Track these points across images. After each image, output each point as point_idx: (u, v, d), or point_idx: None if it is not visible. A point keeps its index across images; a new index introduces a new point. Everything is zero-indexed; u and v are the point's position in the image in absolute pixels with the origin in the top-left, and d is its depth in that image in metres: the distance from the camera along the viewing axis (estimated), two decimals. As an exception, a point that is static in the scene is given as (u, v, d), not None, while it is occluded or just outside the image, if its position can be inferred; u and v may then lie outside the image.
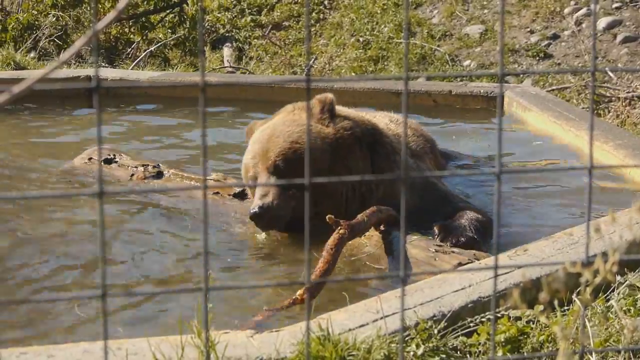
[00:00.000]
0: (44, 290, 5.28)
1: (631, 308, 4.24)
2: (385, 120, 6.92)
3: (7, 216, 6.54)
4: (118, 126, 9.71)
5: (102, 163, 7.17)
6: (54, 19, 15.75)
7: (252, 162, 6.21)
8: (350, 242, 5.46)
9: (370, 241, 5.69)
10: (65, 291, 5.26)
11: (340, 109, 6.40)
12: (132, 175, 7.05)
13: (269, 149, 6.12)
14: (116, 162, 7.23)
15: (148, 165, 7.12)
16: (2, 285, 5.36)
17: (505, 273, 4.44)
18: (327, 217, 5.42)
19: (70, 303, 4.90)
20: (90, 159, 7.45)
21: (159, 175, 7.00)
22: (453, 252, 5.42)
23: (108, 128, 9.42)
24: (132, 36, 16.63)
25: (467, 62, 14.56)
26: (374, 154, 6.30)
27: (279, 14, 17.75)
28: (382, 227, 5.72)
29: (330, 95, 6.34)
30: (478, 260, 5.23)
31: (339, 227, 5.26)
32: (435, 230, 5.74)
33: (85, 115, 10.22)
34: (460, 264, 5.21)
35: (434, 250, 5.44)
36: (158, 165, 7.11)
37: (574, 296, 4.15)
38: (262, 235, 6.12)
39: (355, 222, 5.42)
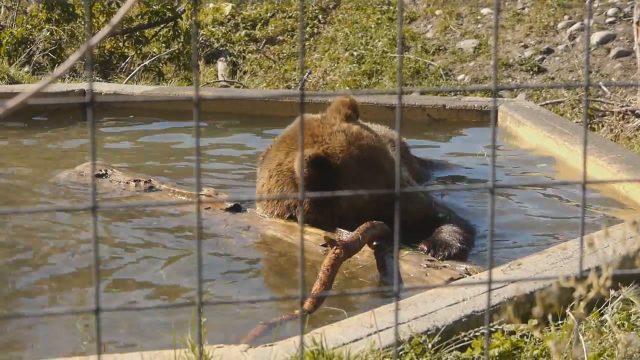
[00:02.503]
0: (37, 305, 5.27)
1: (625, 322, 4.25)
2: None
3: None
4: (111, 140, 9.70)
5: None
6: (48, 33, 15.74)
7: None
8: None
9: (362, 256, 5.68)
10: (58, 306, 5.24)
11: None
12: (123, 190, 7.05)
13: None
14: (107, 177, 7.22)
15: (140, 180, 7.11)
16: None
17: (499, 287, 4.44)
18: (323, 236, 5.44)
19: (64, 317, 4.89)
20: (81, 174, 7.45)
21: (151, 190, 6.99)
22: (445, 267, 5.42)
23: (101, 142, 9.42)
24: (126, 50, 16.64)
25: (461, 77, 14.58)
26: None
27: (273, 28, 17.78)
28: (374, 243, 5.71)
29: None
30: (470, 275, 5.23)
31: (335, 247, 5.25)
32: (424, 247, 5.72)
33: (78, 130, 10.20)
34: (452, 279, 5.21)
35: (425, 266, 5.43)
36: (150, 180, 7.10)
37: (567, 310, 4.15)
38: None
39: (350, 241, 5.40)
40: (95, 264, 1.96)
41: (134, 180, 7.10)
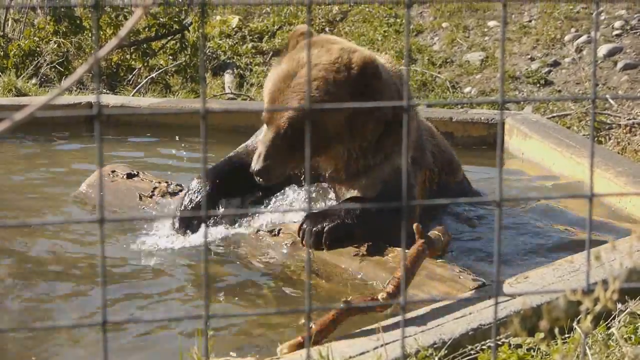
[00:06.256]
0: (44, 317, 5.26)
1: (632, 336, 4.24)
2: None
3: (12, 239, 6.52)
4: (119, 152, 9.72)
5: (125, 177, 7.20)
6: (56, 45, 15.77)
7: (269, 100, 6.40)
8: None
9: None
10: (65, 318, 5.23)
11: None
12: (155, 188, 7.04)
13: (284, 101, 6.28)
14: (138, 176, 7.24)
15: (171, 183, 7.12)
16: (2, 311, 5.35)
17: (506, 300, 4.43)
18: (413, 226, 5.34)
19: (69, 330, 4.89)
20: (113, 171, 7.38)
21: (181, 192, 6.96)
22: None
23: (109, 154, 9.42)
24: (133, 63, 16.66)
25: (467, 89, 14.58)
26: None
27: (280, 40, 17.80)
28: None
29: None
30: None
31: (421, 242, 5.20)
32: None
33: (87, 142, 10.22)
34: (484, 284, 5.15)
35: (458, 270, 5.42)
36: (180, 184, 7.09)
37: (574, 324, 4.14)
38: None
39: (434, 238, 5.38)
40: (102, 276, 1.96)
41: (165, 182, 7.12)
